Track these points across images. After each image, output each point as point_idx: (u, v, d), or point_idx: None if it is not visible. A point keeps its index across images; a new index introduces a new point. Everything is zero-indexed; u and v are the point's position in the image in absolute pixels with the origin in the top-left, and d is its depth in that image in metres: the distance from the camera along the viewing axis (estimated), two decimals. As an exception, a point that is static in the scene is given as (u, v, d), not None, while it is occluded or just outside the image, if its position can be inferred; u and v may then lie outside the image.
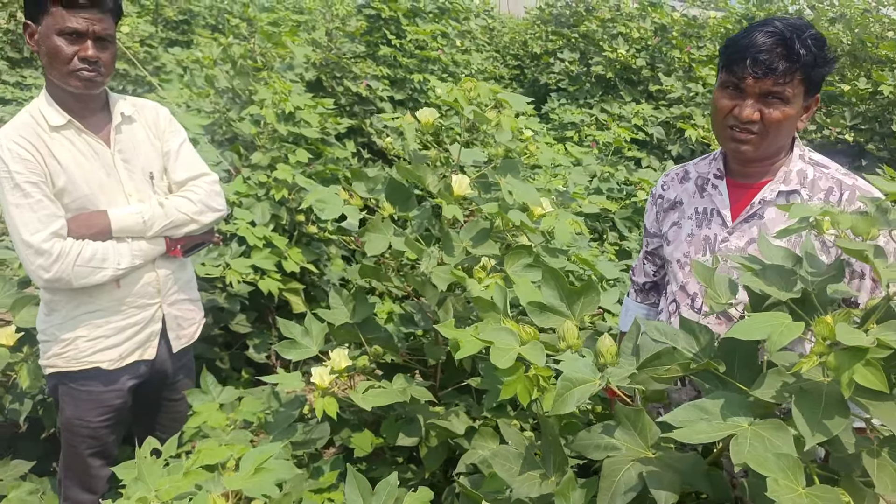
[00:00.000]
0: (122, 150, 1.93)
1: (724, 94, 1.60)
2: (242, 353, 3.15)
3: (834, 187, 1.60)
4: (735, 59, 1.54)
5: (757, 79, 1.52)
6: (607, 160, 4.50)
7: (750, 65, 1.51)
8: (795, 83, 1.53)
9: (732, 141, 1.60)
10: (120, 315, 1.94)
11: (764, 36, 1.51)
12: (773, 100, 1.54)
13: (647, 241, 1.93)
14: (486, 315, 1.53)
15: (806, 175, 1.63)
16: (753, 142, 1.58)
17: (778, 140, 1.59)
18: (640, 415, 1.25)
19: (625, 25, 6.80)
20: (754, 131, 1.56)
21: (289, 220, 3.20)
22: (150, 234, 1.92)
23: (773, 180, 1.64)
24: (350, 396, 1.82)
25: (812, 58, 1.51)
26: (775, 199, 1.62)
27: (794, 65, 1.50)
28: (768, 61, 1.50)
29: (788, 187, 1.62)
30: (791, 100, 1.54)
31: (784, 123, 1.55)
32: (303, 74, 4.58)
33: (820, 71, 1.55)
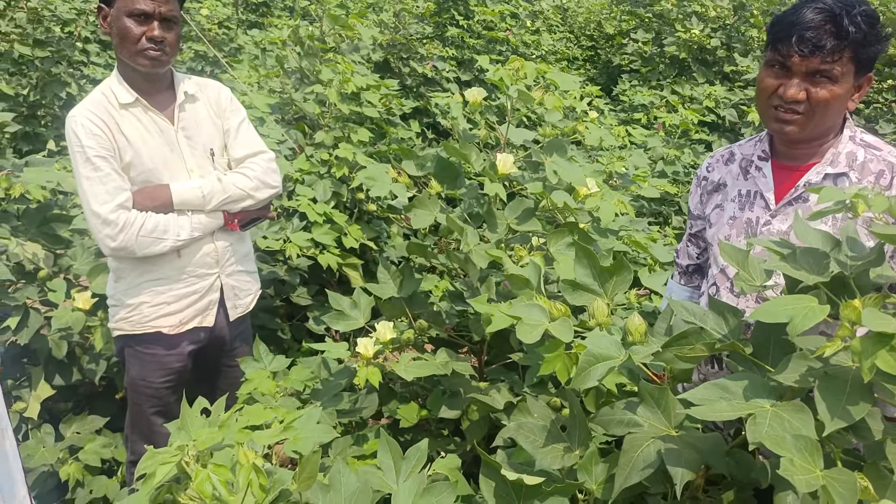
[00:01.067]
0: (185, 128, 2.04)
1: (770, 72, 1.55)
2: (303, 325, 3.26)
3: (885, 170, 1.53)
4: (781, 36, 1.49)
5: (803, 57, 1.46)
6: (674, 143, 4.39)
7: (796, 42, 1.46)
8: (844, 61, 1.46)
9: (776, 121, 1.55)
10: (181, 283, 2.06)
11: (812, 12, 1.46)
12: (820, 79, 1.48)
13: (690, 224, 1.90)
14: (520, 292, 1.55)
15: (856, 157, 1.56)
16: (799, 122, 1.52)
17: (825, 121, 1.53)
18: (664, 393, 1.26)
19: (701, 4, 6.57)
20: (800, 111, 1.51)
21: (350, 198, 3.29)
22: (208, 208, 2.03)
23: (819, 162, 1.59)
24: (393, 368, 1.88)
25: (862, 35, 1.44)
26: (821, 182, 1.57)
27: (843, 42, 1.44)
28: (815, 38, 1.44)
29: (836, 170, 1.57)
30: (839, 79, 1.48)
31: (832, 103, 1.50)
32: (370, 55, 4.65)
33: (871, 49, 1.48)
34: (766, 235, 1.62)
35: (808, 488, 0.96)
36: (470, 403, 2.05)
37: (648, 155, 4.21)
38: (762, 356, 1.23)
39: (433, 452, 2.22)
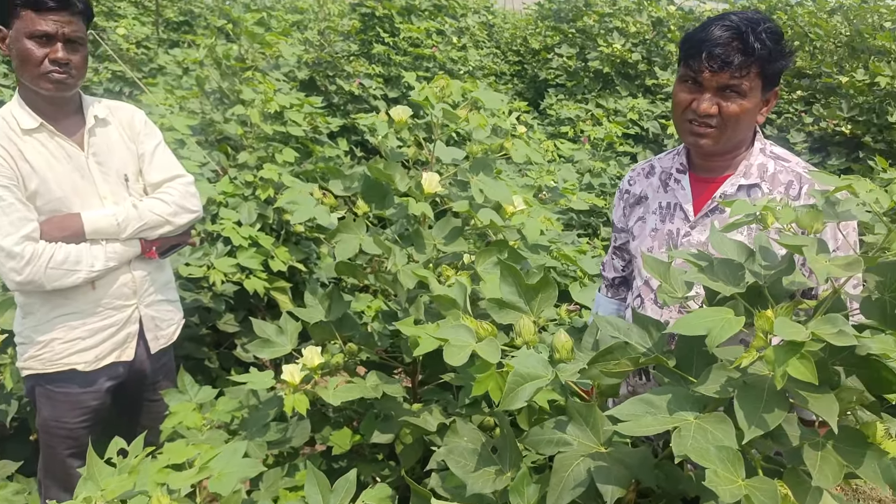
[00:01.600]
0: (96, 153, 1.95)
1: (683, 87, 1.60)
2: (231, 353, 3.17)
3: (794, 180, 1.60)
4: (692, 53, 1.55)
5: (713, 72, 1.52)
6: (600, 155, 4.49)
7: (706, 59, 1.51)
8: (752, 76, 1.53)
9: (691, 135, 1.61)
10: (96, 316, 1.96)
11: (720, 30, 1.51)
12: (730, 93, 1.54)
13: (615, 237, 1.93)
14: (447, 312, 1.54)
15: (766, 169, 1.63)
16: (712, 135, 1.58)
17: (737, 134, 1.59)
18: (591, 410, 1.26)
19: (621, 20, 6.77)
20: (712, 125, 1.57)
21: (276, 220, 3.22)
22: (124, 236, 1.94)
23: (733, 174, 1.64)
24: (320, 393, 1.83)
25: (767, 52, 1.51)
26: (735, 194, 1.62)
27: (750, 58, 1.50)
28: (724, 55, 1.50)
29: (749, 181, 1.63)
30: (748, 93, 1.54)
31: (742, 117, 1.56)
32: (295, 74, 4.59)
33: (776, 65, 1.55)
34: (686, 246, 1.66)
35: (731, 498, 0.98)
36: (403, 427, 2.02)
37: (576, 168, 4.28)
38: (686, 367, 1.25)
39: (368, 479, 2.18)
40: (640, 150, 5.26)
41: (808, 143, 5.58)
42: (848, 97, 5.51)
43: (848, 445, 1.09)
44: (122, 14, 7.60)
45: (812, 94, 6.02)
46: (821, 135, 5.58)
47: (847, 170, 5.32)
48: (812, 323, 1.03)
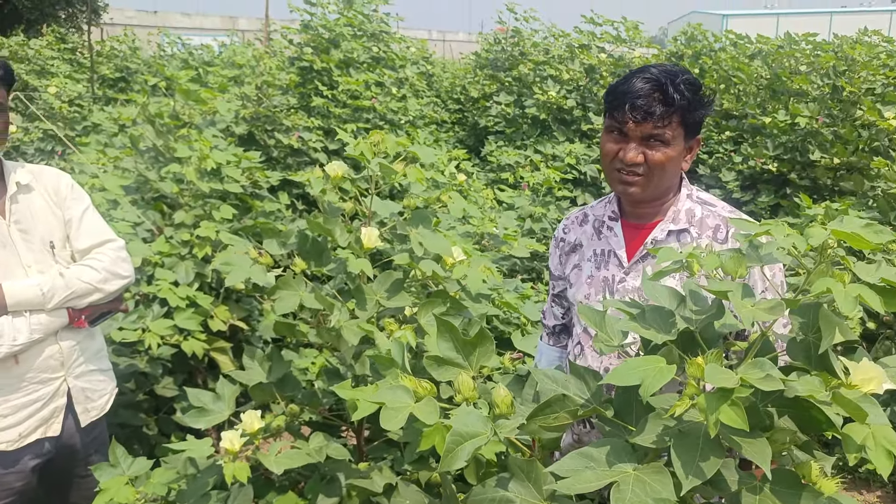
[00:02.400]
0: (18, 221, 1.88)
1: (610, 138, 1.66)
2: (171, 418, 3.05)
3: (721, 224, 1.66)
4: (616, 104, 1.61)
5: (637, 122, 1.58)
6: (539, 201, 4.57)
7: (629, 110, 1.57)
8: (674, 125, 1.59)
9: (620, 183, 1.66)
10: (19, 392, 1.87)
11: (641, 82, 1.58)
12: (654, 142, 1.60)
13: (553, 284, 1.95)
14: (386, 372, 1.52)
15: (694, 214, 1.69)
16: (640, 183, 1.63)
17: (663, 181, 1.65)
18: (533, 465, 1.24)
19: (555, 68, 6.98)
20: (640, 173, 1.62)
21: (215, 278, 3.15)
22: (49, 306, 1.87)
23: (663, 220, 1.69)
24: (261, 460, 1.77)
25: (686, 102, 1.58)
26: (666, 239, 1.67)
27: (671, 108, 1.57)
28: (646, 106, 1.56)
29: (678, 226, 1.68)
30: (671, 141, 1.60)
31: (667, 164, 1.61)
32: (232, 129, 4.57)
33: (696, 114, 1.61)
34: (622, 292, 1.69)
35: (674, 553, 0.97)
36: (349, 489, 1.97)
37: (517, 214, 4.34)
38: (626, 416, 1.25)
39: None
40: (578, 193, 5.38)
41: (738, 181, 5.80)
42: (772, 136, 5.77)
43: (784, 487, 1.10)
44: (54, 72, 7.49)
45: (740, 133, 6.28)
46: (750, 173, 5.80)
47: (776, 206, 5.54)
48: (741, 368, 1.05)
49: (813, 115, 5.41)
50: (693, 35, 7.81)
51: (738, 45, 7.62)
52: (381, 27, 6.75)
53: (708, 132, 6.42)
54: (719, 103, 6.61)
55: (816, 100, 5.68)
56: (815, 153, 5.32)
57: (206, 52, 10.79)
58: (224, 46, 12.13)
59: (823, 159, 5.29)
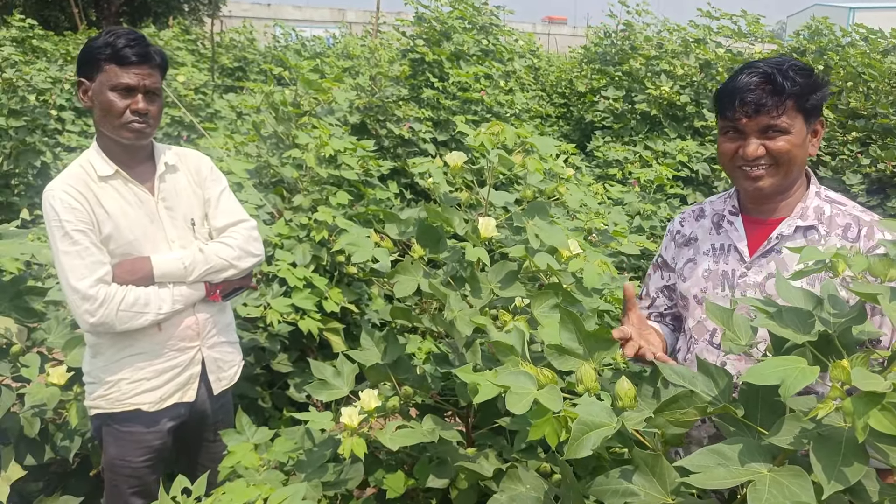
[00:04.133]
0: (165, 199, 2.03)
1: (726, 138, 1.65)
2: (284, 393, 3.20)
3: (852, 223, 1.61)
4: (726, 103, 1.61)
5: (750, 117, 1.57)
6: (650, 198, 4.47)
7: (739, 105, 1.57)
8: (790, 113, 1.56)
9: (746, 179, 1.63)
10: (161, 358, 2.02)
11: (748, 76, 1.57)
12: (773, 133, 1.57)
13: (666, 276, 1.92)
14: (505, 358, 1.54)
15: (823, 212, 1.64)
16: (769, 175, 1.60)
17: (791, 170, 1.61)
18: (658, 459, 1.24)
19: (668, 63, 6.79)
20: (765, 165, 1.60)
21: (329, 261, 3.27)
22: (190, 279, 2.00)
23: (790, 216, 1.66)
24: (378, 437, 1.84)
25: (798, 87, 1.55)
26: (793, 235, 1.64)
27: (782, 96, 1.54)
28: (756, 98, 1.55)
29: (806, 223, 1.64)
30: (790, 129, 1.57)
31: (792, 151, 1.58)
32: (346, 118, 4.71)
33: (812, 97, 1.58)
34: (742, 287, 1.67)
35: (811, 558, 0.95)
36: (458, 471, 2.01)
37: (626, 210, 4.27)
38: (751, 416, 1.23)
39: (422, 523, 2.16)
40: (690, 192, 5.22)
41: (864, 184, 5.46)
42: (905, 138, 5.39)
43: (931, 502, 1.05)
44: (181, 62, 7.94)
45: (868, 135, 5.90)
46: (878, 176, 5.46)
47: (907, 212, 5.18)
48: (893, 374, 1.00)
49: (953, 116, 5.01)
50: (818, 29, 7.40)
51: (870, 39, 7.16)
52: (491, 20, 6.76)
53: (832, 132, 6.07)
54: (846, 102, 6.23)
55: (958, 99, 5.26)
56: (954, 156, 4.94)
57: (318, 44, 11.14)
58: (334, 38, 12.49)
59: (963, 163, 4.90)
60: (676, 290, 1.86)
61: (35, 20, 9.12)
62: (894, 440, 0.98)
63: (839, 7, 31.65)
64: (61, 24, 15.26)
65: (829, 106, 6.24)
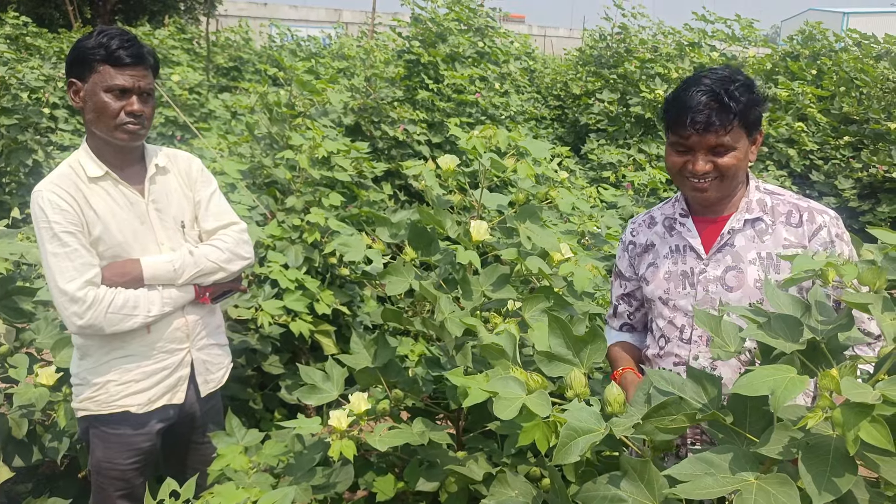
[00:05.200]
0: (155, 200, 2.02)
1: (675, 152, 1.73)
2: (275, 394, 3.19)
3: (792, 210, 1.74)
4: (675, 120, 1.69)
5: (700, 135, 1.65)
6: (643, 201, 4.47)
7: (690, 124, 1.64)
8: (735, 130, 1.65)
9: (694, 190, 1.73)
10: (150, 360, 2.00)
11: (697, 95, 1.64)
12: (719, 150, 1.67)
13: (623, 285, 1.99)
14: (495, 362, 1.54)
15: (765, 203, 1.77)
16: (713, 186, 1.71)
17: (735, 179, 1.73)
18: (646, 466, 1.24)
19: (663, 66, 6.80)
20: (711, 178, 1.70)
21: (322, 263, 3.26)
22: (180, 281, 1.99)
23: (737, 211, 1.77)
24: (367, 439, 1.83)
25: (743, 105, 1.64)
26: (743, 228, 1.75)
27: (729, 115, 1.63)
28: (705, 117, 1.63)
29: (752, 215, 1.75)
30: (736, 144, 1.67)
31: (738, 165, 1.69)
32: (341, 119, 4.70)
33: (754, 111, 1.68)
34: (703, 283, 1.76)
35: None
36: (448, 475, 2.01)
37: (619, 214, 4.27)
38: (740, 423, 1.23)
39: (412, 527, 2.16)
40: (683, 195, 5.22)
41: (856, 189, 5.48)
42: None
43: (919, 512, 1.05)
44: (176, 61, 7.91)
45: (860, 139, 5.92)
46: (870, 181, 5.48)
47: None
48: (881, 384, 1.00)
49: (946, 122, 5.04)
50: (811, 34, 7.42)
51: (863, 44, 7.19)
52: (487, 21, 6.76)
53: (824, 137, 6.08)
54: (839, 107, 6.25)
55: (950, 105, 5.29)
56: (946, 162, 4.96)
57: (314, 44, 11.12)
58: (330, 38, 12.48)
59: (955, 169, 4.92)
60: (638, 295, 1.96)
61: (30, 17, 9.09)
62: (885, 452, 0.98)
63: (833, 12, 31.78)
64: (56, 22, 15.21)
65: (822, 110, 6.25)
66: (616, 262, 2.03)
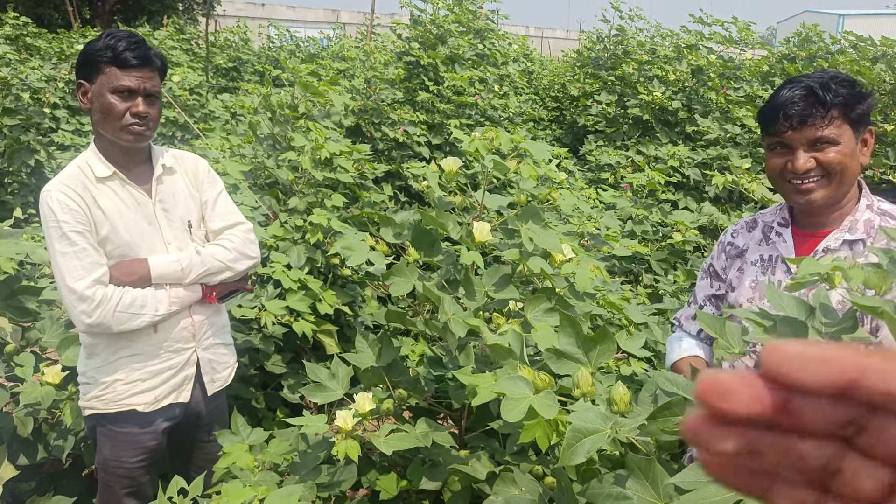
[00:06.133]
0: (162, 200, 2.04)
1: (773, 153, 1.62)
2: (278, 394, 3.21)
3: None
4: (769, 119, 1.59)
5: (795, 129, 1.55)
6: (642, 203, 4.50)
7: (783, 119, 1.55)
8: (837, 123, 1.54)
9: (797, 193, 1.60)
10: (157, 359, 2.02)
11: (790, 90, 1.56)
12: (821, 145, 1.55)
13: (716, 285, 1.89)
14: (503, 361, 1.56)
15: (872, 224, 1.61)
16: (820, 187, 1.58)
17: (843, 181, 1.58)
18: (652, 465, 1.26)
19: (661, 68, 6.83)
20: (816, 177, 1.57)
21: (324, 263, 3.28)
22: (187, 281, 2.01)
23: (838, 229, 1.63)
24: (371, 440, 1.85)
25: (842, 98, 1.53)
26: (839, 248, 1.61)
27: (826, 107, 1.52)
28: (800, 110, 1.53)
29: (854, 236, 1.61)
30: (839, 139, 1.54)
31: (844, 162, 1.55)
32: (341, 121, 4.72)
33: (857, 107, 1.55)
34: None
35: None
36: (451, 474, 2.03)
37: (617, 214, 4.30)
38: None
39: (415, 525, 2.18)
40: (681, 197, 5.26)
41: (853, 191, 5.51)
42: (894, 145, 5.45)
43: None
44: (176, 61, 7.92)
45: (857, 142, 5.96)
46: (868, 182, 5.51)
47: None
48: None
49: (942, 125, 5.07)
50: (808, 36, 7.46)
51: (859, 47, 7.23)
52: (486, 24, 6.79)
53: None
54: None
55: (946, 108, 5.33)
56: (943, 165, 5.00)
57: (312, 45, 11.14)
58: (329, 39, 12.49)
59: (951, 172, 4.96)
60: (724, 300, 1.85)
61: (29, 18, 9.09)
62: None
63: (829, 13, 31.89)
64: (55, 22, 15.19)
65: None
66: (711, 261, 1.92)
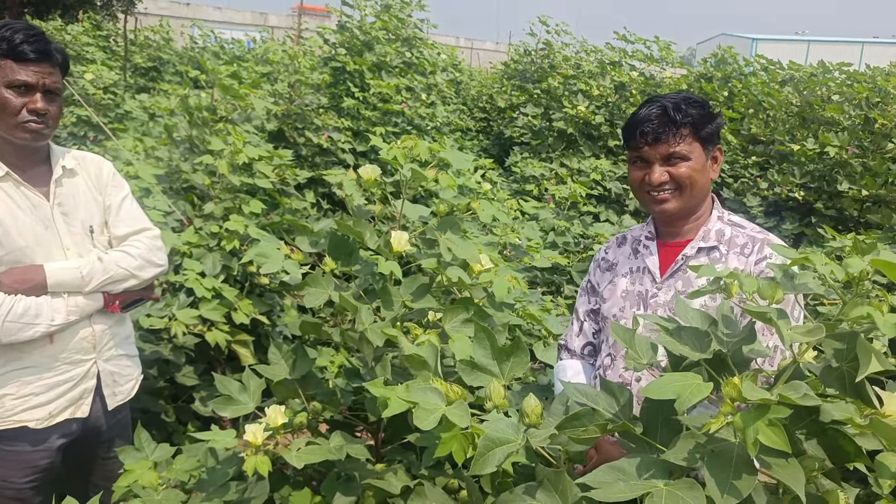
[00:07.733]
0: (61, 204, 1.92)
1: (634, 167, 1.79)
2: (189, 406, 3.09)
3: (748, 242, 1.75)
4: (630, 135, 1.75)
5: (651, 146, 1.71)
6: (564, 214, 4.58)
7: (640, 136, 1.71)
8: (688, 141, 1.71)
9: (654, 203, 1.77)
10: (52, 371, 1.90)
11: (647, 110, 1.72)
12: (674, 160, 1.72)
13: (593, 300, 1.99)
14: (417, 373, 1.53)
15: (724, 233, 1.79)
16: (673, 198, 1.74)
17: (694, 193, 1.75)
18: (561, 476, 1.26)
19: (585, 83, 6.99)
20: (670, 190, 1.74)
21: (241, 271, 3.19)
22: (87, 289, 1.90)
23: (694, 238, 1.79)
24: (283, 454, 1.79)
25: (691, 118, 1.70)
26: (696, 255, 1.77)
27: (678, 125, 1.69)
28: (655, 128, 1.70)
29: (708, 244, 1.78)
30: (690, 156, 1.71)
31: (693, 176, 1.72)
32: (263, 125, 4.61)
33: (707, 126, 1.72)
34: (653, 306, 1.78)
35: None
36: (365, 488, 1.98)
37: (540, 226, 4.35)
38: (652, 433, 1.26)
39: (328, 542, 2.12)
40: (602, 209, 5.38)
41: (763, 207, 5.77)
42: (800, 164, 5.74)
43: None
44: (90, 59, 7.60)
45: (766, 159, 6.25)
46: (775, 200, 5.78)
47: (800, 234, 5.50)
48: (776, 389, 1.05)
49: (843, 146, 5.38)
50: (723, 58, 7.79)
51: (769, 70, 7.60)
52: (415, 32, 6.79)
53: (734, 156, 6.40)
54: (747, 128, 6.58)
55: (847, 130, 5.64)
56: (843, 184, 5.29)
57: (237, 47, 10.90)
58: (254, 41, 12.25)
59: (851, 190, 5.25)
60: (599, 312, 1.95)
61: (-71, 7, 8.54)
62: (781, 454, 1.03)
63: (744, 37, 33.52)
64: (-41, 13, 14.34)
65: (733, 131, 6.57)
66: (588, 278, 2.02)
